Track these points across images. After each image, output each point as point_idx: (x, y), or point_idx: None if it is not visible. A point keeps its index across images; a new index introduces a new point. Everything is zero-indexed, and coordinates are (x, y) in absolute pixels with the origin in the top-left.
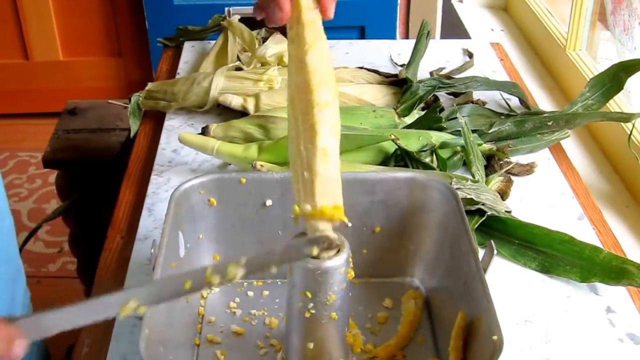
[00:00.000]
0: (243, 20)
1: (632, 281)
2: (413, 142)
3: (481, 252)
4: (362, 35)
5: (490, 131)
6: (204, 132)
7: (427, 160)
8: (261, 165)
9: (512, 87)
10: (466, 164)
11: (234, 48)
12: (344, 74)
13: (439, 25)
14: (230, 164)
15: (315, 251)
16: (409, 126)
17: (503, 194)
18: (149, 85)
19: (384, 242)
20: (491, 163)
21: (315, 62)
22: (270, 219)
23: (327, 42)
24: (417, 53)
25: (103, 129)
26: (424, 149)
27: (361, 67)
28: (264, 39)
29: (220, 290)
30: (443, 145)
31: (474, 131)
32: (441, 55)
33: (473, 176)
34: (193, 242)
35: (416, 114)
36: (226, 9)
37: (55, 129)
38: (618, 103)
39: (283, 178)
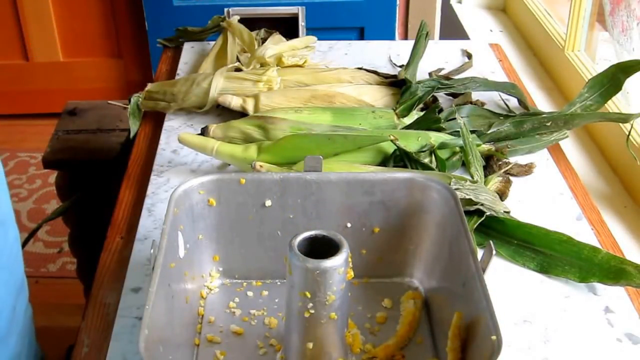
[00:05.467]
0: (242, 21)
1: (630, 281)
2: (412, 142)
3: (480, 253)
4: (362, 36)
5: (489, 132)
6: (204, 132)
7: (426, 160)
8: (260, 166)
9: (510, 88)
10: (465, 165)
11: (233, 49)
12: (343, 74)
13: (437, 26)
14: (229, 165)
15: None
16: (408, 127)
17: (502, 195)
18: (149, 86)
19: (383, 243)
20: (490, 163)
21: None
22: (269, 219)
23: (327, 42)
24: (416, 54)
25: (103, 129)
26: (423, 150)
27: (360, 68)
28: (263, 40)
29: (220, 290)
30: (442, 146)
31: (472, 132)
32: (440, 56)
33: (472, 177)
34: (193, 242)
35: (415, 115)
36: (226, 9)
37: (55, 130)
38: (616, 104)
39: (283, 178)
